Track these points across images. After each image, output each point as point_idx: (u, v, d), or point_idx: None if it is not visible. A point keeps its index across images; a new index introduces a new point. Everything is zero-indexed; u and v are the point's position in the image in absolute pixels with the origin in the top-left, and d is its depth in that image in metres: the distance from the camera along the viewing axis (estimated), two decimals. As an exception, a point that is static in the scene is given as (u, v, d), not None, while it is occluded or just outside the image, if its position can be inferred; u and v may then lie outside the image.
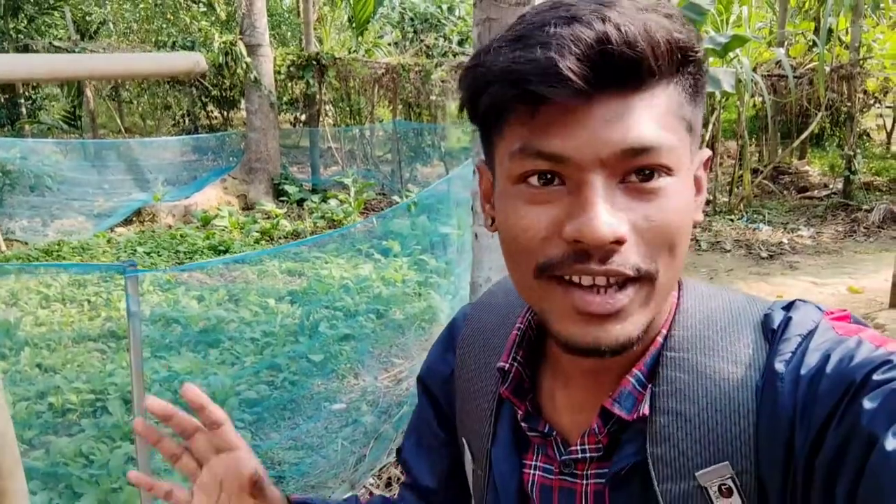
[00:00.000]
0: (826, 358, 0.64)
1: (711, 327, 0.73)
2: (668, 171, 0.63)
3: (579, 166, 0.61)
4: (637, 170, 0.62)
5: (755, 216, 10.75)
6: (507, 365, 0.79)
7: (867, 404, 0.58)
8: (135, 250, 8.53)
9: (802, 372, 0.65)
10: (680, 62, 0.63)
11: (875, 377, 0.60)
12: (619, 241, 0.61)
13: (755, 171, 12.08)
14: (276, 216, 10.41)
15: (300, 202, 11.70)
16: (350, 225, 9.25)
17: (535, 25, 0.61)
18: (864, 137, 15.01)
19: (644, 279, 0.63)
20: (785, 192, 12.38)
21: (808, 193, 12.15)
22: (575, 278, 0.63)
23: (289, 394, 4.81)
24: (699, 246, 9.29)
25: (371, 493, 0.90)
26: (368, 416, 4.52)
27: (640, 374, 0.72)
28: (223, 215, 10.24)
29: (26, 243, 9.22)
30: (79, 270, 7.22)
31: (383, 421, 4.47)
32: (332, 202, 11.12)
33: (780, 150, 13.07)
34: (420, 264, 7.40)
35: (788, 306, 0.73)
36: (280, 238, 9.65)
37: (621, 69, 0.60)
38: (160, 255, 8.41)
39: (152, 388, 4.66)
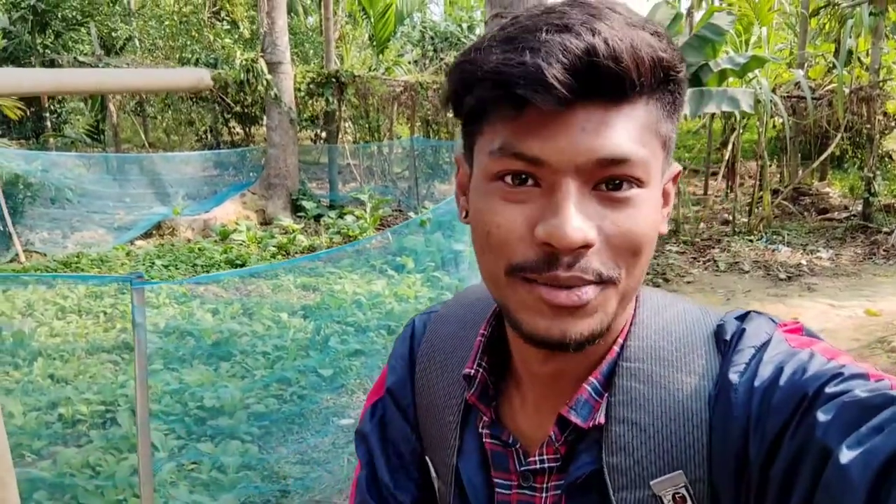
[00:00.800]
0: (779, 370, 0.65)
1: (666, 338, 0.74)
2: (638, 182, 0.64)
3: (555, 170, 0.63)
4: (609, 179, 0.64)
5: (774, 237, 10.67)
6: (473, 371, 0.79)
7: (821, 416, 0.59)
8: (153, 263, 8.60)
9: (756, 384, 0.65)
10: (662, 80, 0.65)
11: (827, 389, 0.61)
12: (587, 246, 0.62)
13: (775, 192, 12.00)
14: (293, 231, 10.47)
15: (317, 218, 11.77)
16: (364, 240, 9.28)
17: (526, 29, 0.62)
18: (886, 160, 14.86)
19: (606, 284, 0.65)
20: (805, 214, 12.28)
21: (827, 215, 12.04)
22: (542, 281, 0.65)
23: (297, 408, 4.81)
24: (717, 267, 9.23)
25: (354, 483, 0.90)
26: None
27: (597, 382, 0.73)
28: (241, 230, 10.32)
29: (45, 255, 9.33)
30: (87, 281, 7.29)
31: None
32: (349, 218, 11.17)
33: (800, 172, 12.97)
34: (433, 281, 7.40)
35: (742, 317, 0.74)
36: (296, 253, 9.70)
37: (605, 82, 0.61)
38: (178, 268, 8.48)
39: (162, 399, 4.68)
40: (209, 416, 4.52)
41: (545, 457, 0.75)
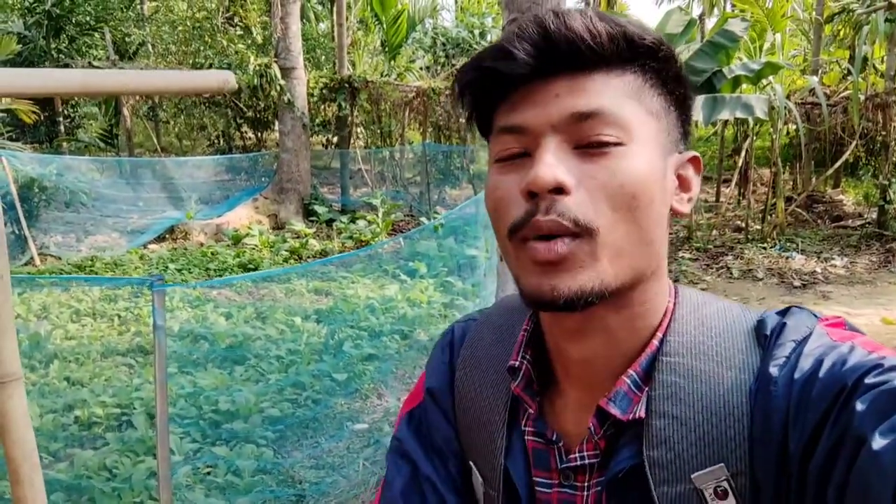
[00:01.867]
0: (819, 363, 0.66)
1: (706, 333, 0.74)
2: (617, 139, 0.68)
3: (534, 132, 0.69)
4: (589, 141, 0.68)
5: (788, 244, 10.62)
6: (518, 363, 0.80)
7: (858, 406, 0.60)
8: (167, 267, 8.64)
9: (796, 376, 0.66)
10: (628, 50, 0.69)
11: (867, 380, 0.61)
12: (561, 188, 0.66)
13: (789, 199, 11.95)
14: (306, 236, 10.49)
15: (329, 222, 11.79)
16: (376, 244, 9.28)
17: (507, 33, 0.72)
18: (901, 167, 14.79)
19: (584, 234, 0.66)
20: (819, 221, 12.22)
21: (842, 222, 11.98)
22: (531, 236, 0.68)
23: (311, 412, 4.81)
24: (731, 274, 9.19)
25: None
26: (390, 438, 4.50)
27: (636, 375, 0.73)
28: (254, 234, 10.35)
29: (59, 258, 9.38)
30: (107, 284, 7.32)
31: (405, 442, 4.44)
32: (361, 223, 11.19)
33: (814, 179, 12.92)
34: (446, 286, 7.39)
35: (783, 312, 0.75)
36: (308, 257, 9.72)
37: (563, 51, 0.68)
38: (191, 272, 8.51)
39: (178, 403, 4.69)
40: (224, 420, 4.52)
41: (585, 453, 0.75)
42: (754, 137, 11.84)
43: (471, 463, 0.88)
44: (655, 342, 0.74)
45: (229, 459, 4.08)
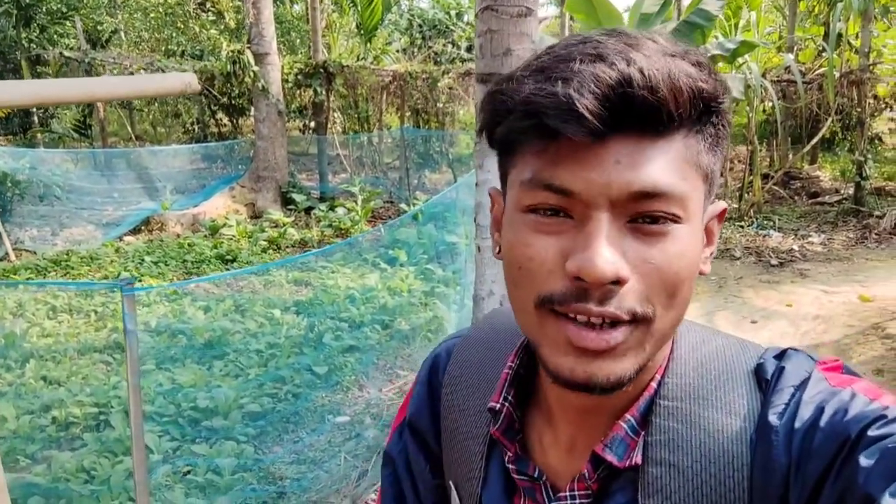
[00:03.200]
0: (820, 410, 0.64)
1: (705, 376, 0.72)
2: (676, 218, 0.62)
3: (587, 203, 0.61)
4: (645, 214, 0.62)
5: (765, 222, 10.68)
6: (499, 405, 0.77)
7: (863, 462, 0.58)
8: (143, 260, 8.55)
9: (797, 425, 0.64)
10: (702, 112, 0.63)
11: (870, 433, 0.60)
12: (619, 282, 0.60)
13: (765, 177, 12.00)
14: (284, 225, 10.41)
15: (308, 210, 11.72)
16: (357, 235, 9.24)
17: (560, 59, 0.61)
18: (876, 142, 14.89)
19: (639, 324, 0.62)
20: (795, 198, 12.29)
21: (818, 199, 12.06)
22: (571, 315, 0.62)
23: (292, 406, 4.79)
24: (708, 253, 9.22)
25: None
26: (371, 430, 4.50)
27: (633, 420, 0.71)
28: (231, 224, 10.26)
29: (35, 253, 9.26)
30: (76, 288, 7.23)
31: (386, 434, 4.44)
32: (340, 210, 11.12)
33: (790, 155, 12.98)
34: (426, 274, 7.37)
35: (780, 355, 0.72)
36: (287, 247, 9.65)
37: (640, 113, 0.59)
38: (168, 265, 8.43)
39: (155, 401, 4.65)
40: (203, 417, 4.50)
41: (576, 493, 0.72)
42: (731, 115, 11.86)
43: (450, 482, 0.88)
44: (654, 384, 0.72)
45: (209, 457, 4.06)
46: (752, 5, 12.17)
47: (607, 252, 0.59)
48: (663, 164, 0.61)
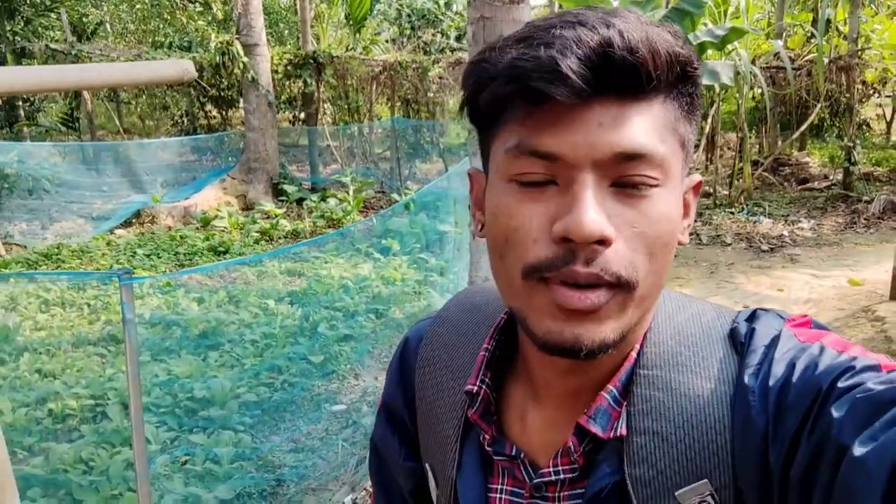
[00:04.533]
0: (792, 367, 0.65)
1: (683, 343, 0.72)
2: (656, 181, 0.64)
3: (571, 165, 0.62)
4: (627, 177, 0.63)
5: (755, 209, 10.73)
6: (476, 387, 0.77)
7: (835, 413, 0.59)
8: (134, 252, 8.51)
9: (770, 384, 0.65)
10: (678, 76, 0.65)
11: (840, 384, 0.61)
12: (604, 241, 0.61)
13: (755, 163, 12.05)
14: (276, 216, 10.39)
15: (299, 201, 11.69)
16: (350, 225, 9.23)
17: (541, 28, 0.63)
18: (864, 128, 14.96)
19: (623, 287, 0.63)
20: (785, 184, 12.35)
21: (808, 185, 12.12)
22: (559, 279, 0.63)
23: (288, 395, 4.80)
24: (700, 240, 9.27)
25: (372, 495, 0.92)
26: (368, 418, 4.51)
27: (615, 390, 0.71)
28: (222, 216, 10.22)
29: (25, 247, 9.20)
30: (74, 278, 7.20)
31: (383, 422, 4.45)
32: (332, 201, 11.11)
33: (779, 142, 13.03)
34: (419, 263, 7.38)
35: (751, 317, 0.73)
36: (280, 238, 9.63)
37: (621, 74, 0.61)
38: (160, 257, 8.40)
39: (152, 392, 4.65)
40: (200, 407, 4.50)
41: (560, 467, 0.73)
42: (720, 103, 11.89)
43: (426, 465, 0.88)
44: (633, 354, 0.72)
45: (207, 447, 4.06)
46: (740, -8, 12.18)
47: (593, 211, 0.60)
48: (644, 127, 0.63)
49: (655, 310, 0.74)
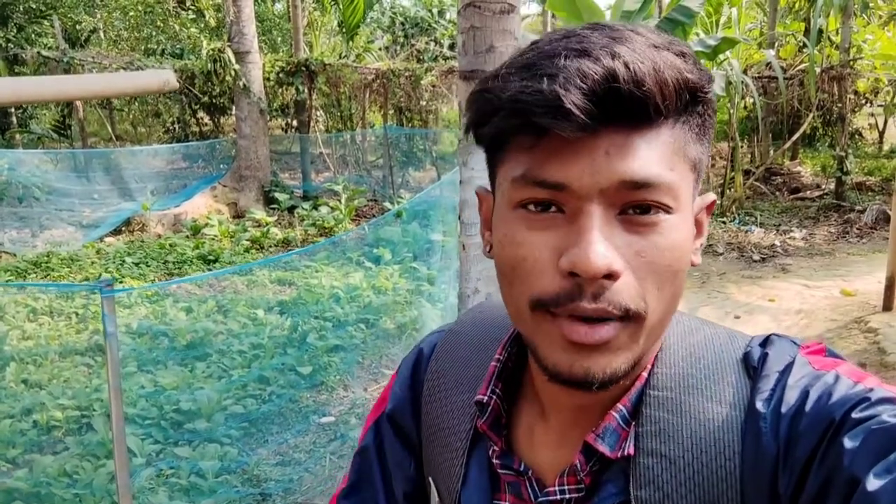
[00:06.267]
0: (805, 395, 0.64)
1: (695, 365, 0.71)
2: (667, 208, 0.63)
3: (578, 195, 0.61)
4: (635, 204, 0.62)
5: (747, 218, 10.73)
6: (486, 398, 0.76)
7: (848, 444, 0.58)
8: (123, 261, 8.46)
9: (783, 410, 0.64)
10: (688, 102, 0.64)
11: (854, 415, 0.60)
12: (612, 276, 0.60)
13: (747, 173, 12.06)
14: (267, 224, 10.35)
15: (291, 209, 11.65)
16: (341, 234, 9.20)
17: (544, 55, 0.61)
18: (856, 137, 15.01)
19: (632, 320, 0.63)
20: (777, 194, 12.36)
21: (800, 194, 12.14)
22: (567, 315, 0.63)
23: (276, 407, 4.76)
24: (692, 249, 9.26)
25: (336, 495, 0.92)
26: (357, 430, 4.47)
27: (625, 409, 0.70)
28: (213, 224, 10.18)
29: (14, 255, 9.14)
30: (55, 290, 7.15)
31: (372, 434, 4.41)
32: (323, 209, 11.07)
33: (771, 151, 13.06)
34: (411, 272, 7.35)
35: (764, 342, 0.72)
36: (270, 247, 9.59)
37: (628, 106, 0.60)
38: (149, 266, 8.35)
39: (138, 403, 4.61)
40: (186, 420, 4.46)
41: (566, 487, 0.72)
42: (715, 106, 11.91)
43: (429, 479, 0.86)
44: (644, 374, 0.72)
45: (192, 460, 4.02)
46: (732, 2, 12.20)
47: (600, 245, 0.60)
48: (652, 155, 0.61)
49: (668, 330, 0.74)
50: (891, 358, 5.22)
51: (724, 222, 10.54)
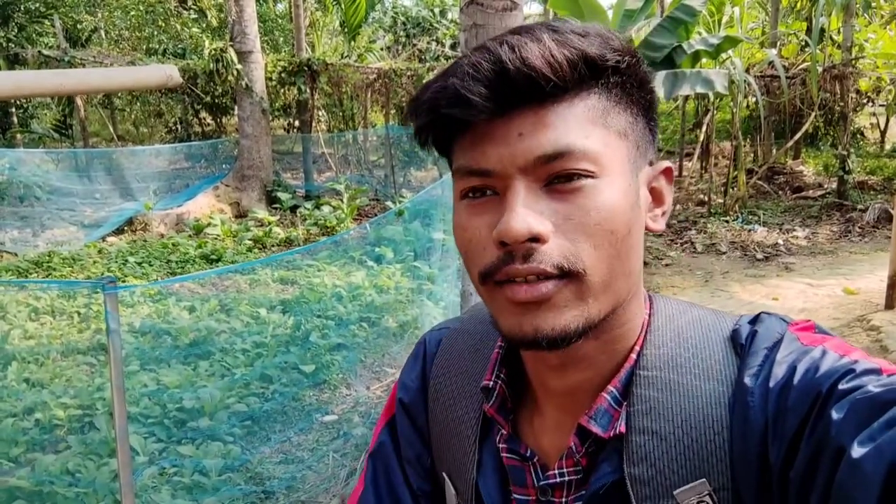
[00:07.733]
0: (793, 369, 0.66)
1: (682, 344, 0.74)
2: (588, 173, 0.66)
3: (502, 176, 0.66)
4: (558, 174, 0.66)
5: (750, 217, 10.72)
6: (492, 382, 0.79)
7: (834, 415, 0.60)
8: (126, 260, 8.45)
9: (771, 385, 0.66)
10: (590, 73, 0.67)
11: (840, 386, 0.62)
12: (537, 239, 0.64)
13: (750, 172, 12.04)
14: (269, 224, 10.34)
15: (293, 209, 11.65)
16: (343, 232, 9.19)
17: (459, 59, 0.69)
18: (858, 136, 14.98)
19: (569, 276, 0.65)
20: (780, 193, 12.35)
21: (802, 193, 12.12)
22: (505, 279, 0.67)
23: (279, 405, 4.75)
24: (694, 248, 9.26)
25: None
26: (359, 428, 4.46)
27: (616, 391, 0.73)
28: (215, 223, 10.17)
29: (16, 255, 9.14)
30: (57, 288, 7.14)
31: (375, 432, 4.40)
32: (325, 209, 11.06)
33: (774, 150, 13.03)
34: (413, 271, 7.34)
35: (754, 320, 0.74)
36: (273, 246, 9.58)
37: (522, 88, 0.64)
38: (151, 265, 8.34)
39: (140, 402, 4.59)
40: (189, 418, 4.44)
41: (565, 470, 0.74)
42: (715, 111, 11.91)
43: (443, 474, 0.87)
44: (633, 356, 0.74)
45: (195, 458, 4.01)
46: (735, 1, 12.20)
47: (521, 213, 0.64)
48: (563, 127, 0.65)
49: (655, 313, 0.77)
50: (894, 356, 5.20)
51: (727, 221, 10.52)
